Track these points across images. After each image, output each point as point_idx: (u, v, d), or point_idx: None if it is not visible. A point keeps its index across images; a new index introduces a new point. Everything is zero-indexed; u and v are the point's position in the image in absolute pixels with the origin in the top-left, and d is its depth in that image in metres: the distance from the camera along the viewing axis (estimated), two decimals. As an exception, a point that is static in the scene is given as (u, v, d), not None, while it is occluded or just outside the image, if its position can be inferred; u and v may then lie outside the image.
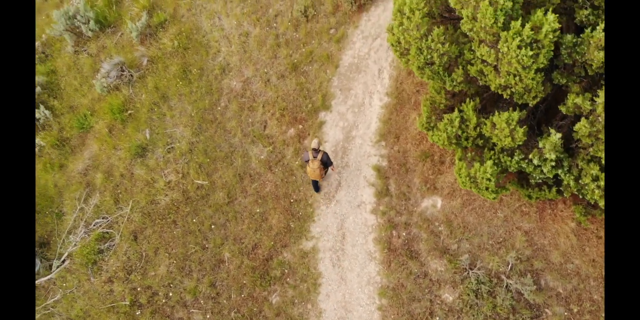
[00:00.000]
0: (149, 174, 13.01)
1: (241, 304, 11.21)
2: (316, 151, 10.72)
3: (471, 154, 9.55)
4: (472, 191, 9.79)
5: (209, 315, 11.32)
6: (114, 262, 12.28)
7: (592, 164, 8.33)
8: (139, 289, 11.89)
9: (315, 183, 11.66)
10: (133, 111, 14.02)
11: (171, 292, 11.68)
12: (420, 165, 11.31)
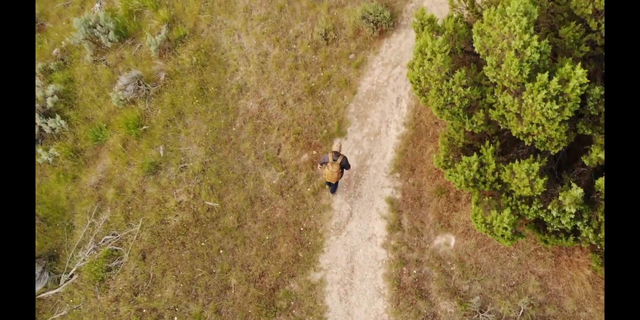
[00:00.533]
0: (161, 193, 12.94)
1: (245, 333, 11.13)
2: (336, 154, 10.53)
3: (488, 198, 9.31)
4: (486, 234, 9.57)
5: (212, 342, 11.25)
6: (121, 281, 12.24)
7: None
8: (144, 310, 11.84)
9: (330, 184, 11.56)
10: (148, 127, 13.94)
11: (176, 316, 11.61)
12: (435, 200, 11.08)
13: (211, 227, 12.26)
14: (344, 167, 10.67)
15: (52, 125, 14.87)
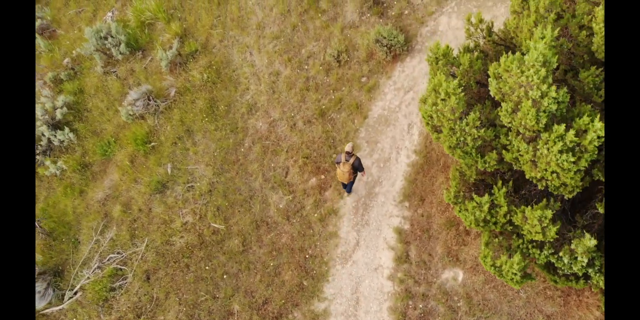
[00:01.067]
0: (167, 213, 12.85)
1: (247, 360, 11.04)
2: (349, 155, 10.55)
3: (499, 239, 9.11)
4: (495, 274, 9.37)
5: (214, 368, 11.18)
6: (124, 301, 12.19)
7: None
8: (146, 333, 11.80)
9: (345, 185, 11.63)
10: (157, 144, 13.84)
11: (178, 340, 11.56)
12: (444, 233, 10.89)
13: (216, 250, 12.16)
14: (356, 168, 10.69)
15: (61, 137, 14.82)
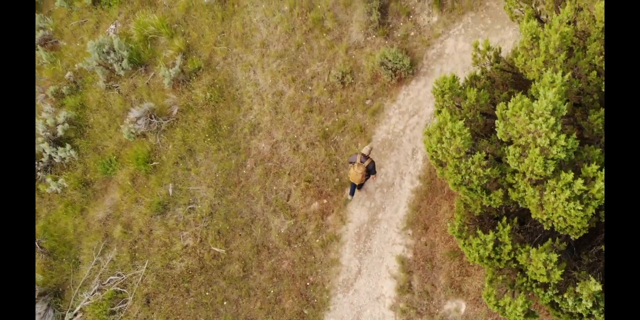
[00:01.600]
0: (167, 235, 12.74)
1: None
2: (365, 157, 10.64)
3: (502, 276, 8.97)
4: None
5: None
6: (124, 325, 12.12)
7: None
8: (146, 358, 11.73)
9: (354, 187, 11.60)
10: (158, 163, 13.72)
11: (177, 367, 11.48)
12: (448, 263, 10.74)
13: (216, 275, 12.05)
14: (369, 171, 10.76)
15: (62, 154, 14.71)
